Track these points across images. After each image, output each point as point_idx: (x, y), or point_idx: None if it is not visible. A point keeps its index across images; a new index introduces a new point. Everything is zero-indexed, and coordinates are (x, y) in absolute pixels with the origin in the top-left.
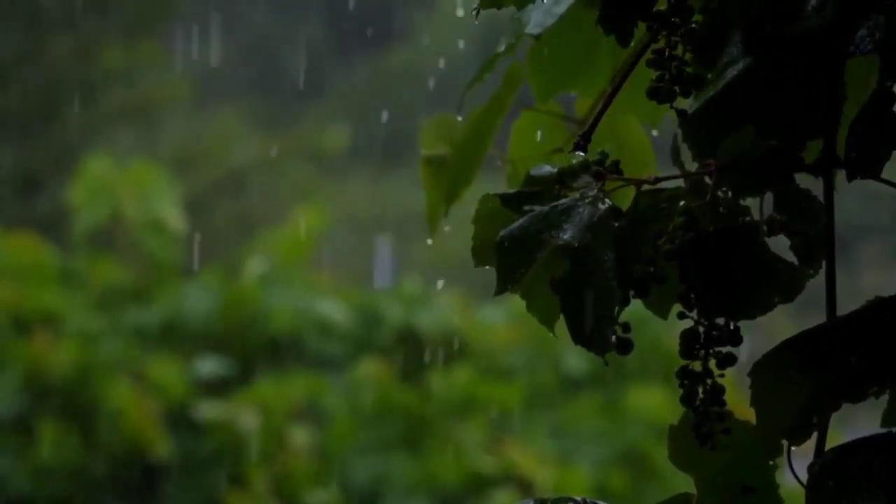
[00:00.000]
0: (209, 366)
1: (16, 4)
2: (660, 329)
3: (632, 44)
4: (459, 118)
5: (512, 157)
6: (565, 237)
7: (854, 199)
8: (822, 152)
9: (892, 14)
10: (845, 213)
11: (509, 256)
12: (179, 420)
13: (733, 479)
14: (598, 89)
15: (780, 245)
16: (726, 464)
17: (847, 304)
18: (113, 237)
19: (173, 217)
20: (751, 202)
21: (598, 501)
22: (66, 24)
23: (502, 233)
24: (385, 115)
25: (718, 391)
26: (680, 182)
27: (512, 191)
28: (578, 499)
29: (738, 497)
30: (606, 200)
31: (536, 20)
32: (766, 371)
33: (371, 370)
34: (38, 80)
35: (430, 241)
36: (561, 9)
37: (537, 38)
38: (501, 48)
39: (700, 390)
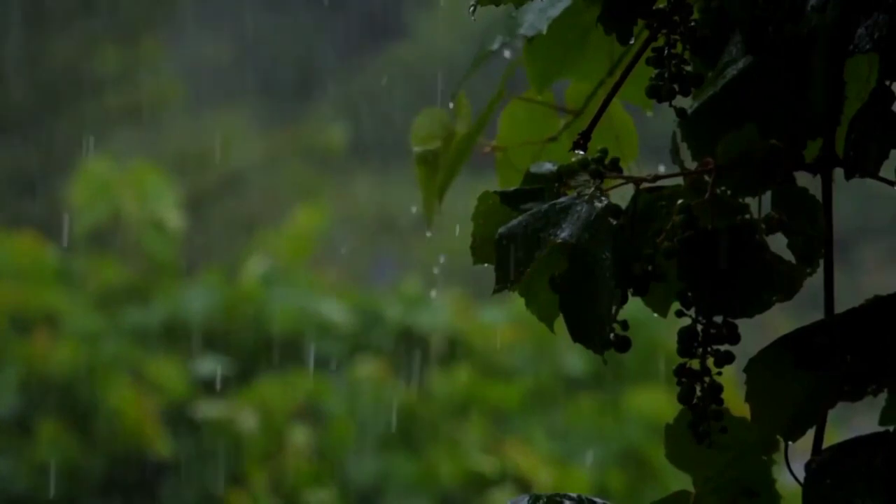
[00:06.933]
0: (209, 365)
1: (15, 4)
2: (659, 329)
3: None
4: (451, 105)
5: (502, 145)
6: (563, 235)
7: (854, 201)
8: (821, 151)
9: (895, 13)
10: (845, 214)
11: (508, 254)
12: (179, 419)
13: (731, 477)
14: (593, 75)
15: (778, 244)
16: (724, 461)
17: (846, 305)
18: (113, 237)
19: (173, 217)
20: (749, 200)
21: (593, 498)
22: (66, 23)
23: (501, 231)
24: (386, 114)
25: (716, 389)
26: (679, 180)
27: (510, 188)
28: (573, 495)
29: (736, 495)
30: (604, 198)
31: (530, 22)
32: (761, 367)
33: (371, 370)
34: (38, 79)
35: (428, 234)
36: (555, 11)
37: (531, 40)
38: (495, 46)
39: (698, 388)
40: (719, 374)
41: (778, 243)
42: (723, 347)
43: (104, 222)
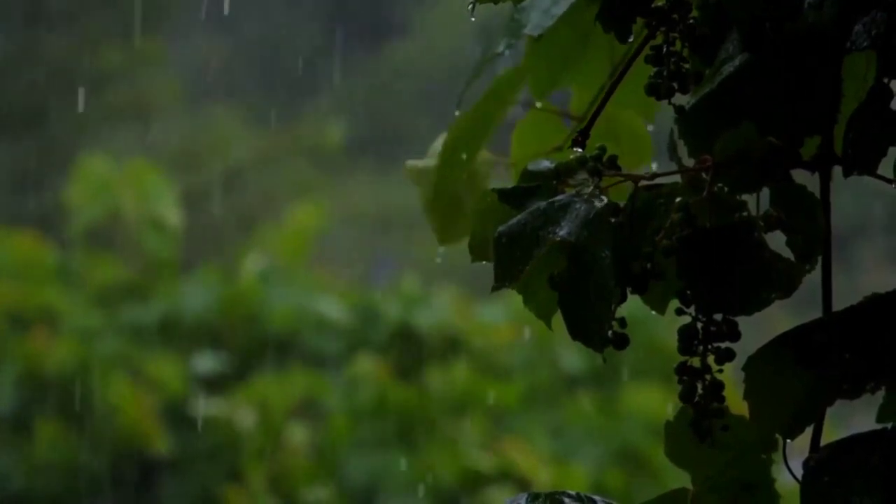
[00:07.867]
0: (207, 362)
1: (15, 2)
2: (657, 327)
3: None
4: (457, 112)
5: (515, 161)
6: (562, 233)
7: (852, 199)
8: (819, 148)
9: (893, 11)
10: (843, 212)
11: (507, 253)
12: (177, 417)
13: (730, 475)
14: (595, 82)
15: (776, 241)
16: (724, 460)
17: (845, 303)
18: (111, 235)
19: (171, 215)
20: (748, 198)
21: (592, 496)
22: (65, 21)
23: (500, 229)
24: (385, 112)
25: (717, 387)
26: (677, 178)
27: (509, 186)
28: (572, 493)
29: (735, 492)
30: (603, 197)
31: (535, 21)
32: (760, 365)
33: (369, 368)
34: (36, 77)
35: (440, 250)
36: (560, 10)
37: (538, 39)
38: (500, 48)
39: (699, 386)
40: (720, 371)
41: (777, 241)
42: (723, 345)
43: (103, 220)
